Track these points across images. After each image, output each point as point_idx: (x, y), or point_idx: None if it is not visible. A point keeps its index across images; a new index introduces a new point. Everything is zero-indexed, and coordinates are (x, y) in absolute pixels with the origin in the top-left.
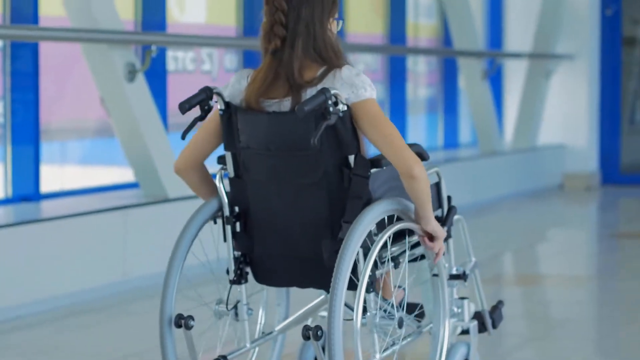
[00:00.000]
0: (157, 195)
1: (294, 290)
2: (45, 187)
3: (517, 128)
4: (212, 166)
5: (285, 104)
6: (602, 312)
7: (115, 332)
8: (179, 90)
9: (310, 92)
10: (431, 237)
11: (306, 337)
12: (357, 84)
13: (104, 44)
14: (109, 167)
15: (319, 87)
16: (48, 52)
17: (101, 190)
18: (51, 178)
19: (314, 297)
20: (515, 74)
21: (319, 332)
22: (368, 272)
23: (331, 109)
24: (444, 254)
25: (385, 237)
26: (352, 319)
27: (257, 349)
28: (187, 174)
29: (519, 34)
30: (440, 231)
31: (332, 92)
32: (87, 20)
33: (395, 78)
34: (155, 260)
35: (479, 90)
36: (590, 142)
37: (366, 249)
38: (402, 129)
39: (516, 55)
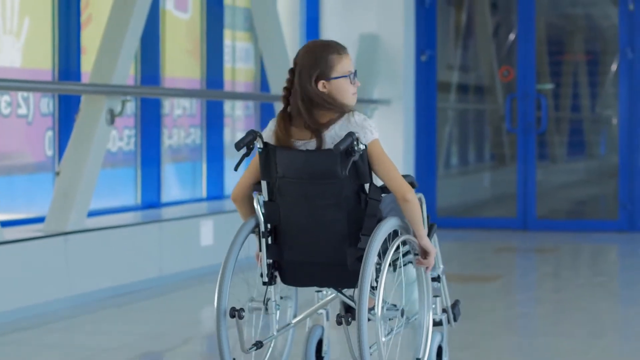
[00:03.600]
0: None
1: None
2: None
3: None
4: None
5: (312, 144)
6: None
7: None
8: None
9: (328, 134)
10: (423, 253)
11: (339, 323)
12: (366, 127)
13: None
14: None
15: (334, 127)
16: None
17: None
18: None
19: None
20: None
21: (349, 319)
22: (385, 272)
23: (355, 147)
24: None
25: (395, 245)
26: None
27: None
28: (242, 201)
29: None
30: (432, 248)
31: (356, 135)
32: None
33: (213, 122)
34: None
35: None
36: None
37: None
38: (220, 172)
39: None
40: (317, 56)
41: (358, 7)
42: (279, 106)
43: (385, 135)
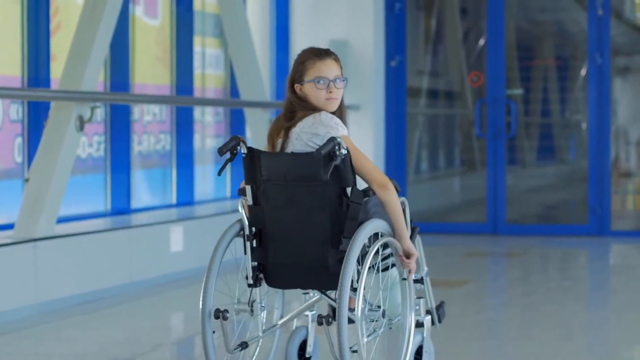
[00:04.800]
0: None
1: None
2: None
3: None
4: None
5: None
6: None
7: None
8: None
9: (294, 131)
10: (407, 255)
11: (320, 323)
12: (331, 126)
13: None
14: None
15: (299, 125)
16: None
17: None
18: None
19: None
20: None
21: (330, 319)
22: (365, 273)
23: (337, 152)
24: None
25: (375, 248)
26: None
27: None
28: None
29: None
30: (414, 250)
31: (338, 140)
32: None
33: (182, 128)
34: None
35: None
36: None
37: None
38: (189, 178)
39: None
40: (297, 61)
41: (327, 13)
42: (249, 112)
43: (355, 140)
